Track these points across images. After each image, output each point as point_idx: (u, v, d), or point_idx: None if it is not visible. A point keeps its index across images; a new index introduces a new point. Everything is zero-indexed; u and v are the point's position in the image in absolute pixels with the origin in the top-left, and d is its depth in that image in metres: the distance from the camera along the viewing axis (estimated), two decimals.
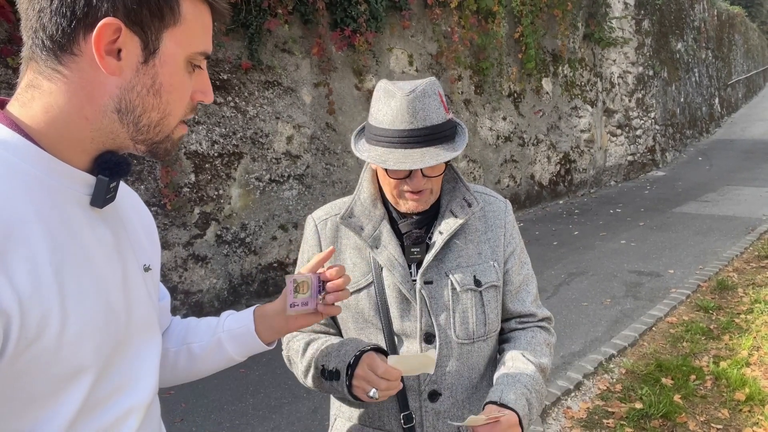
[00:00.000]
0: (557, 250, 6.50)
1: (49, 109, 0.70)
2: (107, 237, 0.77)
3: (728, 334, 4.07)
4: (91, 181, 0.74)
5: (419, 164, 1.11)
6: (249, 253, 5.18)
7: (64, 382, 0.69)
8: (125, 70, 0.70)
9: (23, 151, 0.68)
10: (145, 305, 0.84)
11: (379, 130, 1.16)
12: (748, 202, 8.37)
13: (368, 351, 1.14)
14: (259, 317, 1.06)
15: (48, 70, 0.69)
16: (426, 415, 1.25)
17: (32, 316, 0.64)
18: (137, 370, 0.81)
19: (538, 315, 1.34)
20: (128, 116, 0.72)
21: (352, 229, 1.25)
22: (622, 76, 10.84)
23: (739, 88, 19.46)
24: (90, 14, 0.67)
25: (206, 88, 0.80)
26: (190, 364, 1.06)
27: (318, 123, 5.66)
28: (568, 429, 3.08)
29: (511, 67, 8.18)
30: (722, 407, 3.17)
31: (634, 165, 11.27)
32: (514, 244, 1.33)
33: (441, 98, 1.18)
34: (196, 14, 0.74)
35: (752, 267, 5.55)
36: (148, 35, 0.70)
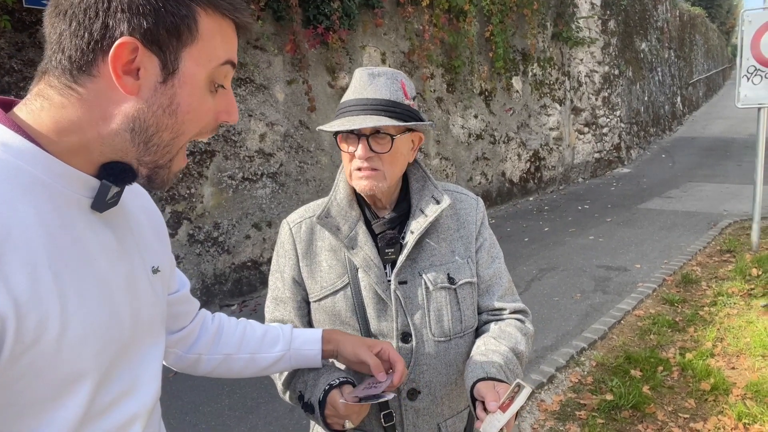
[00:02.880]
0: (528, 246, 6.61)
1: (60, 121, 0.70)
2: (110, 240, 0.76)
3: (693, 327, 4.21)
4: (94, 184, 0.73)
5: (358, 124, 1.13)
6: (222, 252, 5.13)
7: (65, 386, 0.68)
8: (143, 89, 0.69)
9: (25, 153, 0.67)
10: (151, 308, 0.84)
11: (341, 104, 1.22)
12: (710, 198, 8.65)
13: (335, 388, 1.14)
14: (326, 341, 1.19)
15: (61, 86, 0.69)
16: (406, 414, 1.26)
17: (30, 319, 0.63)
18: (142, 375, 0.81)
19: (509, 308, 1.33)
20: (140, 135, 0.71)
21: (329, 229, 1.25)
22: (589, 75, 11.07)
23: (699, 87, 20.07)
24: (107, 35, 0.66)
25: (231, 107, 0.79)
26: (246, 370, 1.15)
27: (291, 121, 5.63)
28: (542, 422, 3.15)
29: (482, 65, 8.27)
30: (689, 397, 3.29)
31: (600, 162, 11.53)
32: (482, 239, 1.33)
33: (403, 86, 1.21)
34: (216, 30, 0.73)
35: (715, 261, 5.75)
36: (167, 55, 0.69)
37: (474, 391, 1.10)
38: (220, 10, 0.73)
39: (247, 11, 0.77)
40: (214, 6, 0.72)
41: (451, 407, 1.31)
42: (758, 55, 5.53)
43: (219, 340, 1.14)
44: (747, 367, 3.57)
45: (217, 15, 0.73)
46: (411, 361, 1.24)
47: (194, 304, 1.10)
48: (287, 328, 1.20)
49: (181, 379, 3.63)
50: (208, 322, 1.15)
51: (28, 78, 3.90)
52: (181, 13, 0.69)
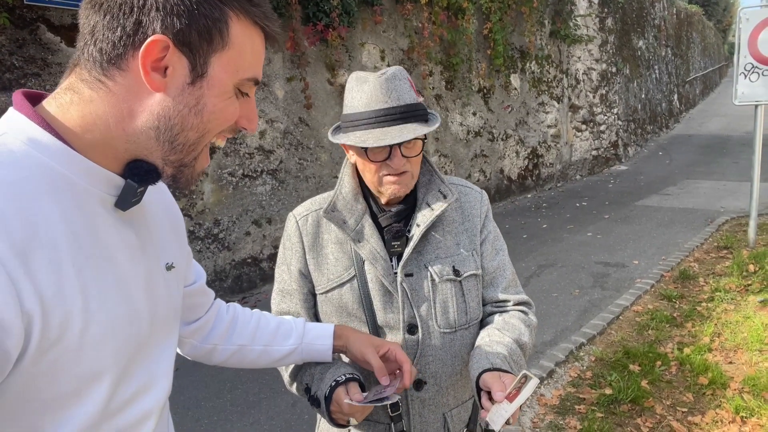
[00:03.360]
0: (527, 242, 6.64)
1: (87, 116, 0.70)
2: (131, 238, 0.77)
3: (691, 322, 4.24)
4: (118, 182, 0.74)
5: (398, 139, 1.13)
6: (222, 248, 5.14)
7: (85, 383, 0.69)
8: (170, 87, 0.70)
9: (51, 150, 0.68)
10: (166, 306, 0.85)
11: (356, 115, 1.19)
12: (707, 195, 8.69)
13: (341, 385, 1.15)
14: (337, 337, 1.21)
15: (92, 79, 0.70)
16: (412, 404, 1.28)
17: (54, 316, 0.64)
18: (156, 372, 0.82)
19: (513, 300, 1.35)
20: (166, 134, 0.72)
21: (336, 222, 1.26)
22: (586, 73, 11.10)
23: (696, 85, 20.13)
24: (140, 31, 0.67)
25: (252, 115, 0.79)
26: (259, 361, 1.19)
27: (291, 118, 5.64)
28: (542, 416, 3.18)
29: (480, 63, 8.29)
30: (687, 391, 3.32)
31: (598, 159, 11.57)
32: (486, 232, 1.35)
33: (411, 83, 1.22)
34: (246, 39, 0.74)
35: (712, 257, 5.79)
36: (196, 57, 0.70)
37: (480, 382, 1.11)
38: (251, 17, 0.73)
39: (277, 22, 0.78)
40: (246, 12, 0.73)
41: (456, 397, 1.33)
42: (755, 53, 5.56)
43: (233, 331, 1.16)
44: (744, 361, 3.61)
45: (249, 22, 0.73)
46: (417, 352, 1.27)
47: (210, 295, 1.12)
48: (300, 321, 1.22)
49: (183, 375, 3.65)
50: (223, 312, 1.16)
51: (29, 74, 3.91)
52: (214, 15, 0.70)
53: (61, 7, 4.00)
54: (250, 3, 0.73)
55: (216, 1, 0.70)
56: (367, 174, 1.25)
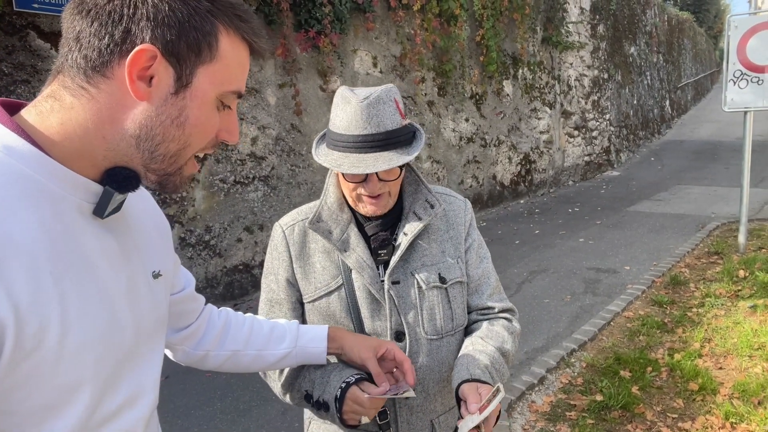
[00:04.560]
0: (519, 248, 6.65)
1: (66, 123, 0.69)
2: (111, 245, 0.76)
3: (681, 327, 4.26)
4: (96, 189, 0.72)
5: (372, 168, 1.14)
6: (214, 255, 5.12)
7: (64, 395, 0.67)
8: (154, 96, 0.70)
9: (28, 157, 0.67)
10: (151, 314, 0.83)
11: (336, 135, 1.19)
12: (698, 201, 8.75)
13: (352, 385, 1.16)
14: (331, 339, 1.21)
15: (75, 86, 0.69)
16: (400, 411, 1.29)
17: (30, 326, 0.62)
18: (144, 383, 0.80)
19: (497, 307, 1.37)
20: (146, 143, 0.71)
21: (321, 233, 1.27)
22: (578, 79, 11.16)
23: (688, 91, 20.27)
24: (128, 40, 0.67)
25: (232, 127, 0.79)
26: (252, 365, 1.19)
27: (283, 124, 5.64)
28: (533, 422, 3.18)
29: (473, 69, 8.32)
30: (677, 397, 3.33)
31: (590, 165, 11.62)
32: (471, 240, 1.37)
33: (397, 105, 1.20)
34: (234, 53, 0.74)
35: (703, 263, 5.81)
36: (183, 68, 0.70)
37: (459, 392, 1.14)
38: (240, 32, 0.74)
39: (265, 39, 0.79)
40: (236, 27, 0.73)
41: (444, 403, 1.34)
42: (744, 60, 5.61)
43: (226, 336, 1.15)
44: (734, 367, 3.62)
45: (237, 37, 0.74)
46: None
47: (200, 302, 1.11)
48: (293, 325, 1.22)
49: (173, 383, 3.63)
50: (215, 317, 1.16)
51: (18, 81, 3.89)
52: (205, 29, 0.70)
53: (50, 14, 3.99)
54: (239, 18, 0.73)
55: (207, 15, 0.70)
56: (345, 190, 1.27)
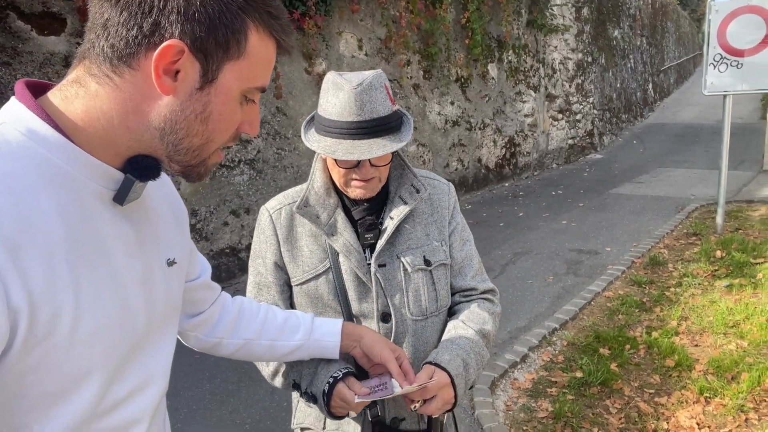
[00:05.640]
0: (503, 231, 6.74)
1: (91, 110, 0.69)
2: (129, 233, 0.76)
3: (659, 306, 4.38)
4: (117, 177, 0.72)
5: (367, 155, 1.16)
6: (200, 239, 5.13)
7: (73, 382, 0.68)
8: (179, 91, 0.69)
9: (51, 142, 0.66)
10: (164, 303, 0.83)
11: (328, 122, 1.20)
12: (679, 183, 8.90)
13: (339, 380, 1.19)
14: (346, 335, 1.22)
15: (100, 74, 0.68)
16: None
17: (43, 313, 0.62)
18: (154, 371, 0.81)
19: (480, 288, 1.42)
20: (170, 136, 0.71)
21: (309, 218, 1.30)
22: (563, 62, 11.21)
23: (671, 74, 20.44)
24: (157, 33, 0.65)
25: (254, 120, 0.78)
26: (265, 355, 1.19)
27: (268, 107, 5.62)
28: (515, 399, 3.27)
29: (458, 52, 8.32)
30: (654, 373, 3.44)
31: (574, 148, 11.73)
32: (455, 223, 1.41)
33: (387, 90, 1.22)
34: (261, 50, 0.73)
35: (681, 243, 5.95)
36: (210, 64, 0.69)
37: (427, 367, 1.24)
38: (269, 29, 0.73)
39: (293, 35, 0.78)
40: (266, 24, 0.72)
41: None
42: (724, 44, 5.69)
43: (240, 324, 1.15)
44: (709, 344, 3.75)
45: (266, 34, 0.72)
46: (390, 339, 1.32)
47: (215, 290, 1.11)
48: (308, 317, 1.23)
49: None
50: (229, 305, 1.15)
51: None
52: (235, 26, 0.69)
53: None
54: (270, 15, 0.72)
55: (238, 11, 0.68)
56: (335, 175, 1.29)
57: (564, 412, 3.04)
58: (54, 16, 4.10)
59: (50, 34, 4.09)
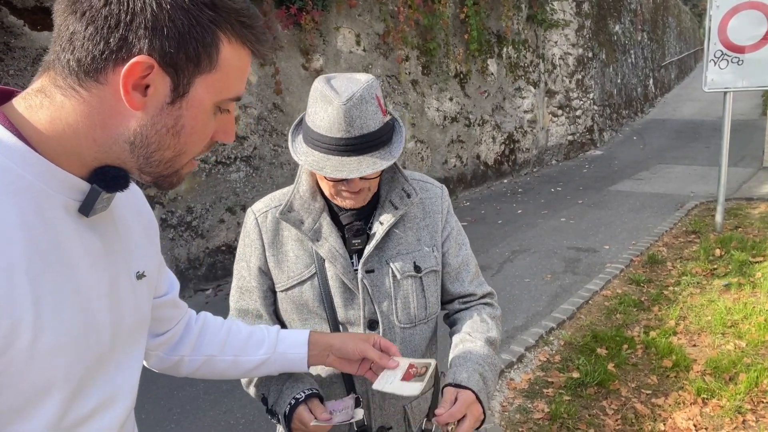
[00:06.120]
0: (502, 228, 6.71)
1: (56, 121, 0.67)
2: (95, 245, 0.74)
3: (657, 306, 4.35)
4: (83, 187, 0.70)
5: (356, 173, 1.12)
6: (196, 236, 5.10)
7: (33, 398, 0.65)
8: (149, 106, 0.67)
9: (13, 151, 0.65)
10: (132, 316, 0.81)
11: (316, 135, 1.15)
12: (678, 180, 8.86)
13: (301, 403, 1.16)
14: (312, 346, 1.15)
15: (66, 86, 0.66)
16: (372, 398, 1.31)
17: (1, 326, 0.60)
18: (121, 386, 0.79)
19: (478, 293, 1.39)
20: (141, 150, 0.69)
21: (292, 223, 1.26)
22: (563, 58, 11.15)
23: (672, 69, 20.36)
24: (124, 48, 0.64)
25: (229, 129, 0.77)
26: (230, 372, 1.13)
27: (265, 103, 5.58)
28: (511, 399, 3.25)
29: (457, 47, 8.27)
30: (651, 374, 3.42)
31: (573, 144, 11.68)
32: (450, 228, 1.37)
33: (379, 101, 1.17)
34: (234, 60, 0.71)
35: (680, 241, 5.92)
36: (180, 78, 0.67)
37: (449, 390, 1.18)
38: (242, 39, 0.71)
39: (268, 42, 0.76)
40: (238, 34, 0.70)
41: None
42: (725, 40, 5.64)
43: (202, 341, 1.11)
44: (707, 344, 3.72)
45: (239, 44, 0.71)
46: None
47: (182, 309, 1.08)
48: (273, 330, 1.18)
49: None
50: (192, 323, 1.12)
51: None
52: (206, 40, 0.67)
53: None
54: (242, 25, 0.70)
55: (208, 24, 0.66)
56: (323, 185, 1.25)
57: (560, 413, 3.02)
58: (47, 11, 4.06)
59: (43, 29, 4.05)
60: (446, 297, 1.41)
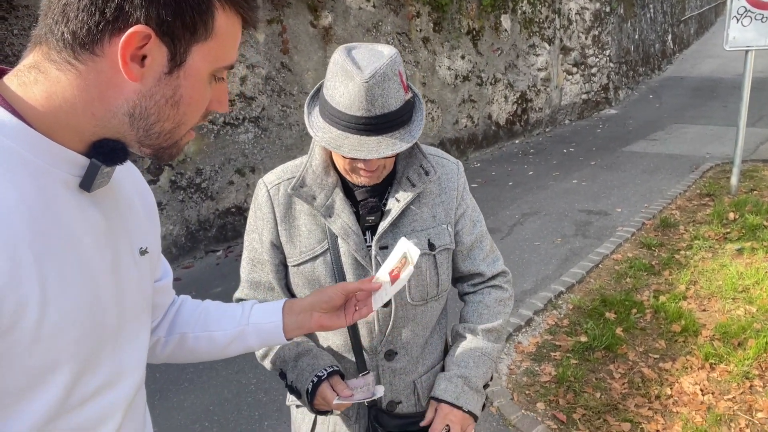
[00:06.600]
0: (512, 190, 6.65)
1: (52, 97, 0.66)
2: (97, 220, 0.73)
3: (668, 270, 4.33)
4: (83, 162, 0.70)
5: (375, 154, 1.09)
6: (205, 198, 5.11)
7: (40, 376, 0.66)
8: (147, 77, 0.67)
9: (8, 128, 0.64)
10: (136, 292, 0.81)
11: (335, 111, 1.10)
12: (694, 141, 8.69)
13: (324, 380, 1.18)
14: (287, 313, 1.09)
15: (61, 60, 0.65)
16: (383, 374, 1.31)
17: (7, 304, 0.60)
18: (126, 363, 0.79)
19: (487, 273, 1.37)
20: (140, 122, 0.69)
21: (304, 199, 1.23)
22: (579, 13, 10.80)
23: (691, 24, 19.70)
24: (120, 18, 0.63)
25: (223, 98, 0.78)
26: (209, 350, 1.08)
27: (272, 63, 5.48)
28: (518, 362, 3.28)
29: (470, 3, 8.02)
30: (660, 338, 3.43)
31: (588, 103, 11.45)
32: (465, 206, 1.35)
33: (401, 77, 1.12)
34: (229, 28, 0.71)
35: (694, 204, 5.84)
36: (177, 47, 0.67)
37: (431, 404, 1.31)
38: (236, 7, 0.71)
39: (258, 9, 0.76)
40: (232, 2, 0.70)
41: (425, 364, 1.37)
42: None
43: (177, 320, 1.09)
44: (717, 309, 3.71)
45: (233, 11, 0.71)
46: (389, 323, 1.28)
47: (170, 296, 1.07)
48: (248, 303, 1.14)
49: None
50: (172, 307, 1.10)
51: None
52: (201, 8, 0.67)
53: None
54: None
55: None
56: (338, 160, 1.21)
57: (567, 376, 3.05)
58: None
59: None
60: (456, 274, 1.40)
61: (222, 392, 3.15)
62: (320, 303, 1.09)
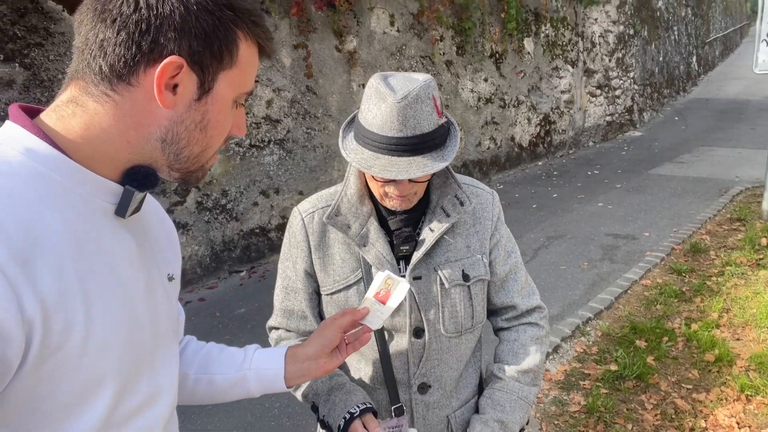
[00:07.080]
0: (536, 213, 6.59)
1: (90, 127, 0.71)
2: (131, 246, 0.77)
3: (700, 297, 4.22)
4: (117, 190, 0.74)
5: (405, 174, 1.08)
6: (230, 219, 5.15)
7: (87, 391, 0.69)
8: (179, 104, 0.72)
9: (52, 161, 0.68)
10: (168, 316, 0.85)
11: (368, 132, 1.11)
12: (722, 164, 8.54)
13: (356, 417, 1.14)
14: (290, 359, 1.06)
15: (98, 93, 0.70)
16: (416, 407, 1.28)
17: (56, 323, 0.64)
18: (162, 382, 0.81)
19: (521, 307, 1.34)
20: (172, 147, 0.74)
21: (339, 227, 1.22)
22: (603, 36, 10.79)
23: (716, 46, 19.54)
24: (155, 50, 0.68)
25: (242, 123, 0.82)
26: (209, 393, 1.06)
27: (298, 86, 5.55)
28: (546, 391, 3.21)
29: (493, 26, 8.07)
30: (693, 368, 3.32)
31: (612, 125, 11.36)
32: (499, 235, 1.32)
33: (435, 102, 1.12)
34: (249, 57, 0.77)
35: (724, 229, 5.71)
36: (206, 75, 0.73)
37: None
38: (255, 37, 0.77)
39: (273, 39, 0.82)
40: (252, 32, 0.76)
41: (459, 398, 1.33)
42: None
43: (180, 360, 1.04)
44: (752, 338, 3.60)
45: (252, 41, 0.77)
46: (423, 355, 1.26)
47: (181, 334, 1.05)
48: (251, 348, 1.10)
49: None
50: None
51: (31, 45, 3.85)
52: (228, 38, 0.72)
53: None
54: (255, 24, 0.76)
55: (229, 23, 0.72)
56: (372, 185, 1.21)
57: (597, 406, 2.96)
58: None
59: None
60: (489, 306, 1.37)
61: (245, 416, 3.13)
62: (324, 349, 1.07)
